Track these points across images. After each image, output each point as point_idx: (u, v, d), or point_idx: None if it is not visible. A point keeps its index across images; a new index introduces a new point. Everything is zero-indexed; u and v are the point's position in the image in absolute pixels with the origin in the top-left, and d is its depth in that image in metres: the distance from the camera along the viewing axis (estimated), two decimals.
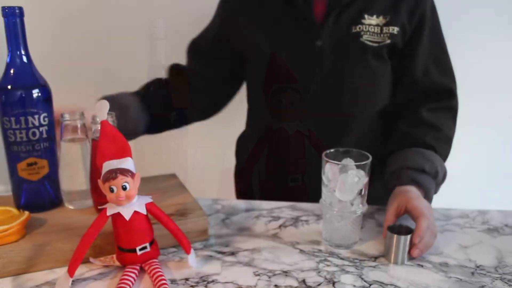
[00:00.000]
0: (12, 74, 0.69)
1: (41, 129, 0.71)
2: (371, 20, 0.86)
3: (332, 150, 0.73)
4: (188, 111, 1.03)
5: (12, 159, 0.72)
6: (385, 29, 0.87)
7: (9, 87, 0.69)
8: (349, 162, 0.70)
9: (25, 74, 0.70)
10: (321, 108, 0.91)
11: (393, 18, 0.87)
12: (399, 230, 0.69)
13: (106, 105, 0.64)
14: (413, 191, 0.77)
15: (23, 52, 0.70)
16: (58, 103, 0.82)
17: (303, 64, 0.89)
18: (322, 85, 0.89)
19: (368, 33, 0.86)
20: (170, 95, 1.00)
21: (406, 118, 0.91)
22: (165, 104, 0.99)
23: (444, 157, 0.87)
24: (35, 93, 0.70)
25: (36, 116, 0.70)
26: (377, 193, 1.00)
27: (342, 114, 0.91)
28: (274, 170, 1.00)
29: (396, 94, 0.94)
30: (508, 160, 1.39)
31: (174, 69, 1.04)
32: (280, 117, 0.94)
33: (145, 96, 0.97)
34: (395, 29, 0.87)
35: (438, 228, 0.79)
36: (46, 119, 0.72)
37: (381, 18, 0.86)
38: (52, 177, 0.75)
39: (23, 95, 0.69)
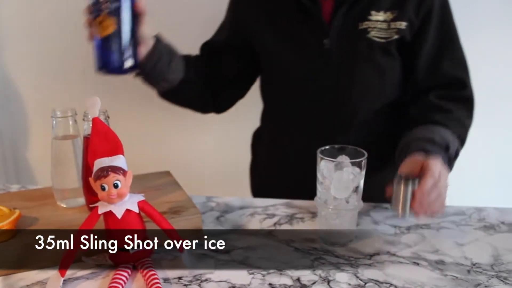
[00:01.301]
0: None
1: None
2: (378, 16, 0.86)
3: (327, 147, 0.72)
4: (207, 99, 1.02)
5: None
6: (392, 25, 0.86)
7: None
8: (344, 159, 0.69)
9: None
10: (330, 105, 0.91)
11: (400, 13, 0.86)
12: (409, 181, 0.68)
13: (97, 102, 0.63)
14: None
15: None
16: (53, 102, 0.81)
17: (312, 63, 0.89)
18: (330, 83, 0.89)
19: (375, 29, 0.86)
20: (204, 72, 0.97)
21: (415, 105, 0.90)
22: (199, 76, 0.96)
23: (458, 136, 0.85)
24: None
25: None
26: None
27: (351, 110, 0.91)
28: (291, 164, 1.00)
29: (406, 88, 0.94)
30: (505, 157, 1.39)
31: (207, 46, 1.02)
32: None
33: (187, 58, 0.95)
34: (402, 24, 0.86)
35: (433, 225, 0.78)
36: None
37: (388, 13, 0.86)
38: (119, 40, 0.76)
39: None
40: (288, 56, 0.91)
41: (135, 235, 0.62)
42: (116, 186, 0.58)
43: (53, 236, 0.65)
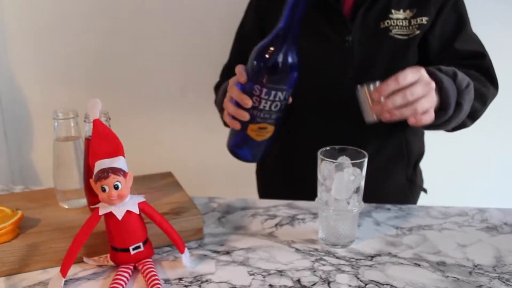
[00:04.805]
0: (279, 51, 0.71)
1: (283, 102, 0.74)
2: (399, 15, 0.87)
3: (327, 148, 0.72)
4: None
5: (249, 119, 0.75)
6: (413, 21, 0.87)
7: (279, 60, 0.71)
8: (345, 160, 0.69)
9: (291, 54, 0.72)
10: (349, 103, 0.89)
11: (420, 10, 0.87)
12: None
13: (98, 103, 0.63)
14: None
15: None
16: (58, 104, 0.81)
17: (335, 58, 0.90)
18: (353, 78, 0.90)
19: (397, 27, 0.87)
20: None
21: None
22: None
23: (474, 84, 0.80)
24: (294, 72, 0.72)
25: (285, 92, 0.72)
26: (394, 192, 1.00)
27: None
28: (297, 166, 1.00)
29: None
30: (508, 158, 1.38)
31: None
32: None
33: None
34: (423, 19, 0.87)
35: (436, 226, 0.78)
36: (290, 93, 0.74)
37: (408, 11, 0.87)
38: (269, 141, 0.78)
39: (286, 74, 0.71)
40: (310, 52, 0.90)
41: (136, 236, 0.62)
42: (116, 187, 0.59)
43: (54, 237, 0.65)
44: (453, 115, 0.77)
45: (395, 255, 0.69)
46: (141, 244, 0.63)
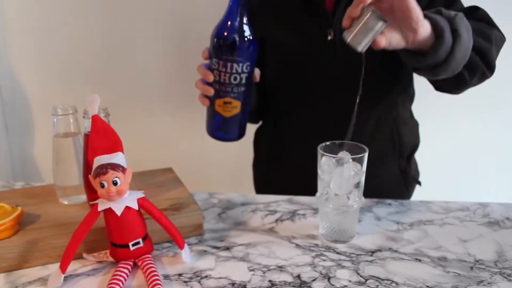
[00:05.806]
0: (228, 24, 0.78)
1: (242, 76, 0.79)
2: None
3: (328, 143, 0.71)
4: None
5: (213, 95, 0.82)
6: None
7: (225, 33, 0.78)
8: (345, 155, 0.69)
9: (239, 27, 0.78)
10: (335, 97, 0.91)
11: None
12: None
13: (97, 99, 0.63)
14: None
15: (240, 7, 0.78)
16: (60, 100, 0.81)
17: (317, 52, 0.90)
18: (336, 74, 0.90)
19: None
20: None
21: None
22: None
23: (463, 15, 0.74)
24: (245, 44, 0.78)
25: (241, 64, 0.78)
26: (388, 184, 0.99)
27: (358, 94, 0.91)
28: (293, 161, 1.00)
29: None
30: (510, 152, 1.37)
31: None
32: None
33: None
34: None
35: (437, 221, 0.78)
36: (248, 67, 0.79)
37: None
38: (241, 117, 0.84)
39: (235, 44, 0.77)
40: (293, 47, 0.92)
41: (135, 232, 0.62)
42: (115, 183, 0.58)
43: (54, 233, 0.65)
44: (454, 44, 0.72)
45: (396, 251, 0.69)
46: (140, 240, 0.63)
